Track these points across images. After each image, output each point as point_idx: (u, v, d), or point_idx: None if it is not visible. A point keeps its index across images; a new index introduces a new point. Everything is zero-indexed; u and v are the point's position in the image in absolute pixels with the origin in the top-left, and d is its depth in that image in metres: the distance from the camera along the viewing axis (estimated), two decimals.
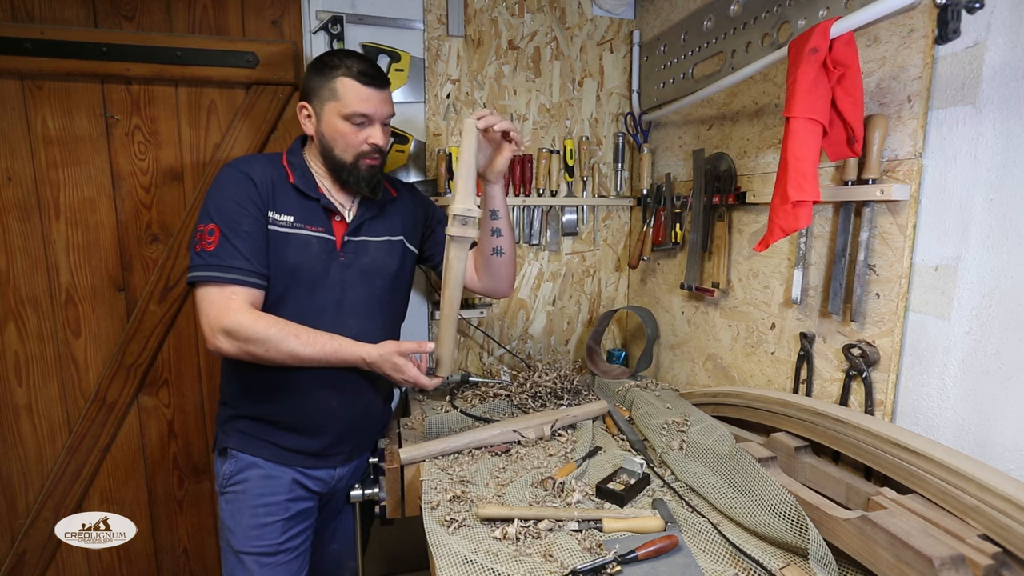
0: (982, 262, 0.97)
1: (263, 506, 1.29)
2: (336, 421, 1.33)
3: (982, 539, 0.81)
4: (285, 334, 1.17)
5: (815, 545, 0.91)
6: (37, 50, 1.56)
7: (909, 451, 0.95)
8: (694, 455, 1.26)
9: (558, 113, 1.95)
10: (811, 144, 1.02)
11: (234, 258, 1.18)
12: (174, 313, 1.79)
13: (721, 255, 1.55)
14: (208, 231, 1.19)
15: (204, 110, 1.75)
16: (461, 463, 1.34)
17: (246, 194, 1.21)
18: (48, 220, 1.67)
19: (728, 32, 1.48)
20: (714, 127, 1.61)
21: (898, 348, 1.10)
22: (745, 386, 1.49)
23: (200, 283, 1.19)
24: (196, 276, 1.18)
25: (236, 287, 1.18)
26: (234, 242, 1.18)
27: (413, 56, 1.78)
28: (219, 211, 1.20)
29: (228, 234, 1.18)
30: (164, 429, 1.86)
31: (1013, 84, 0.91)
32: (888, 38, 1.09)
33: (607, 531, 1.05)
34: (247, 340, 1.16)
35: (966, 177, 0.98)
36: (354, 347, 1.23)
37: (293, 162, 1.31)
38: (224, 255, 1.18)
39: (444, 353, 1.31)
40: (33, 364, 1.72)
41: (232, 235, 1.19)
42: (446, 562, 0.97)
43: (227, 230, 1.19)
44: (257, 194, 1.22)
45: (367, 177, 1.30)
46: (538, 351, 2.05)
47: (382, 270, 1.36)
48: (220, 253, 1.18)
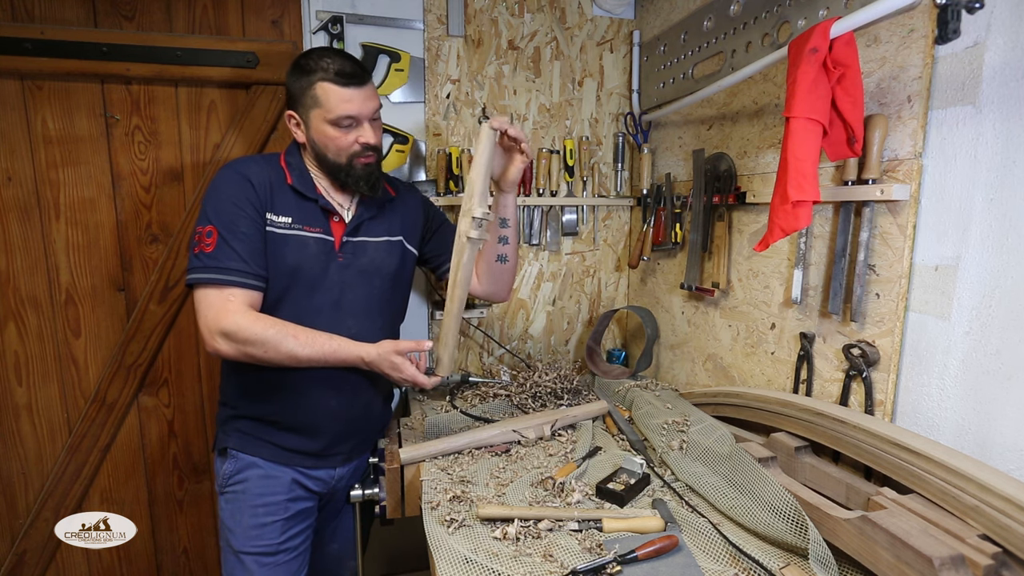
0: (982, 262, 0.97)
1: (263, 506, 1.29)
2: (335, 421, 1.33)
3: (982, 539, 0.81)
4: (283, 335, 1.18)
5: (815, 545, 0.91)
6: (37, 50, 1.56)
7: (909, 451, 0.95)
8: (694, 455, 1.26)
9: (558, 113, 1.95)
10: (811, 144, 1.02)
11: (231, 260, 1.18)
12: (174, 313, 1.79)
13: (721, 255, 1.55)
14: (206, 233, 1.19)
15: (204, 110, 1.75)
16: (461, 463, 1.34)
17: (243, 196, 1.21)
18: (48, 220, 1.67)
19: (728, 32, 1.48)
20: (714, 127, 1.61)
21: (898, 348, 1.10)
22: (745, 386, 1.49)
23: (198, 285, 1.19)
24: (194, 278, 1.19)
25: (234, 289, 1.18)
26: (232, 244, 1.18)
27: (413, 56, 1.78)
28: (217, 213, 1.20)
29: (226, 236, 1.19)
30: (164, 429, 1.86)
31: (1013, 84, 0.91)
32: (888, 38, 1.09)
33: (607, 531, 1.05)
34: (245, 342, 1.16)
35: (966, 177, 0.98)
36: (352, 347, 1.23)
37: (291, 163, 1.31)
38: (221, 257, 1.18)
39: (445, 352, 1.31)
40: (33, 364, 1.71)
41: (230, 237, 1.19)
42: (446, 562, 0.97)
43: (224, 232, 1.19)
44: (255, 196, 1.22)
45: (364, 176, 1.30)
46: (538, 351, 2.05)
47: (381, 270, 1.36)
48: (218, 255, 1.18)
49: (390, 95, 1.79)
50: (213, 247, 1.18)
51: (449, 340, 1.30)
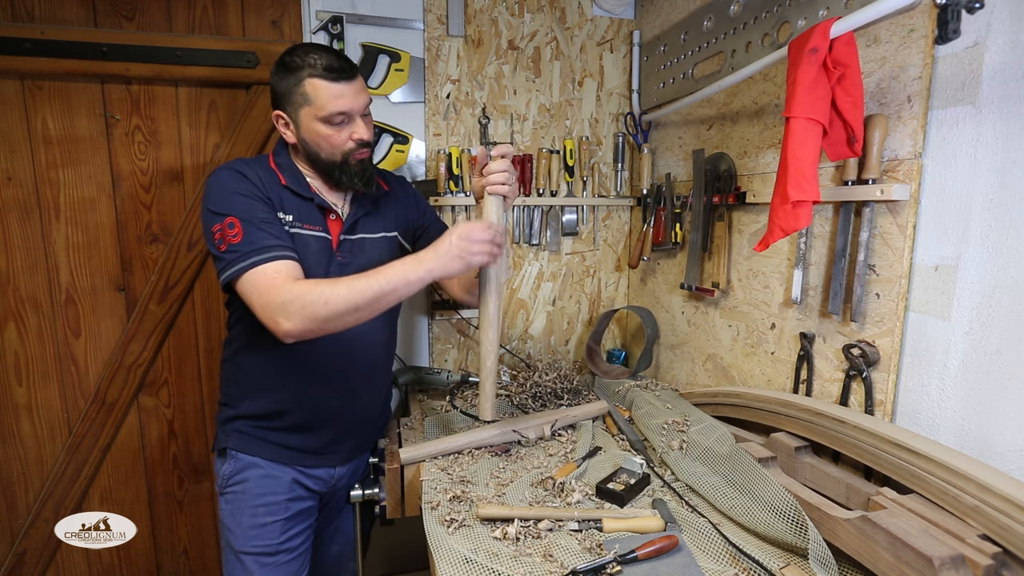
0: (982, 262, 0.97)
1: (263, 506, 1.29)
2: (335, 419, 1.33)
3: (982, 539, 0.81)
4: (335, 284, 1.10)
5: (815, 545, 0.91)
6: (37, 50, 1.56)
7: (909, 451, 0.95)
8: (694, 455, 1.26)
9: (558, 113, 1.95)
10: (811, 144, 1.02)
11: (265, 239, 1.14)
12: (174, 313, 1.79)
13: (721, 255, 1.55)
14: (228, 225, 1.14)
15: (204, 110, 1.75)
16: (461, 463, 1.34)
17: (249, 189, 1.19)
18: (48, 220, 1.67)
19: (728, 32, 1.48)
20: (714, 127, 1.61)
21: (898, 348, 1.10)
22: (745, 386, 1.49)
23: (240, 276, 1.12)
24: (234, 271, 1.12)
25: (276, 264, 1.13)
26: (259, 226, 1.15)
27: (413, 56, 1.78)
28: (231, 206, 1.16)
29: (251, 221, 1.15)
30: (164, 429, 1.86)
31: (1013, 84, 0.91)
32: (888, 38, 1.09)
33: (607, 531, 1.05)
34: (303, 307, 1.07)
35: (966, 177, 0.98)
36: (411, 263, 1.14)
37: (281, 163, 1.28)
38: (255, 239, 1.13)
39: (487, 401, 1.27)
40: (33, 364, 1.71)
41: (255, 221, 1.15)
42: (446, 562, 0.98)
43: (247, 219, 1.15)
44: (259, 190, 1.21)
45: (359, 172, 1.28)
46: (538, 351, 2.05)
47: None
48: (249, 240, 1.13)
49: (390, 95, 1.79)
50: (241, 235, 1.13)
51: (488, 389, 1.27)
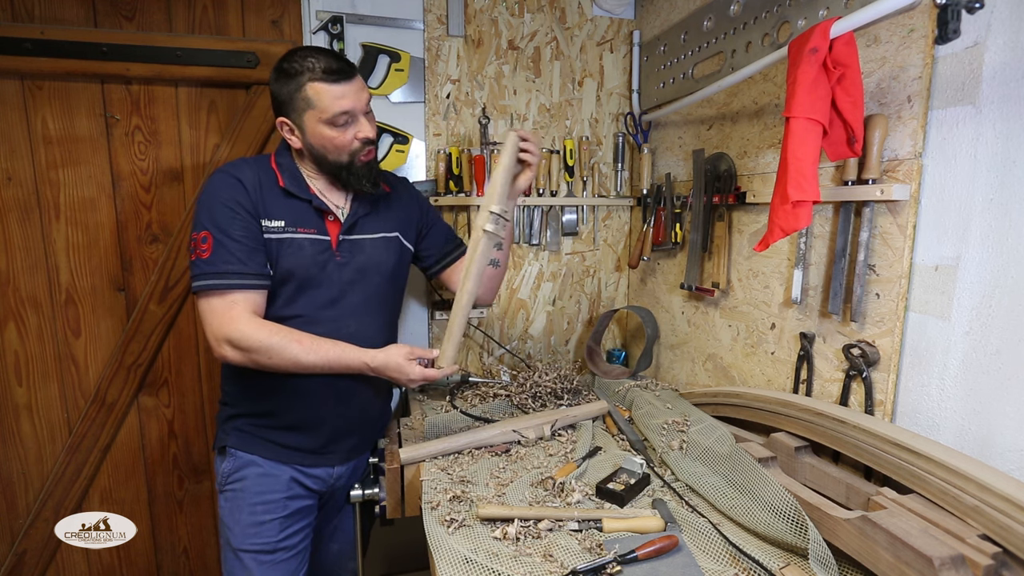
0: (982, 262, 0.97)
1: (261, 504, 1.29)
2: (334, 418, 1.33)
3: (982, 539, 0.81)
4: (288, 341, 1.18)
5: (815, 545, 0.91)
6: (37, 50, 1.56)
7: (909, 451, 0.95)
8: (694, 455, 1.26)
9: (558, 113, 1.95)
10: (811, 144, 1.02)
11: (229, 263, 1.18)
12: (174, 313, 1.79)
13: (721, 255, 1.55)
14: (201, 239, 1.19)
15: (204, 110, 1.75)
16: (461, 463, 1.34)
17: (235, 198, 1.21)
18: (48, 220, 1.67)
19: (728, 32, 1.48)
20: (714, 127, 1.61)
21: (898, 348, 1.10)
22: (745, 386, 1.49)
23: (201, 293, 1.19)
24: (195, 286, 1.19)
25: (235, 294, 1.18)
26: (228, 246, 1.18)
27: (413, 56, 1.78)
28: (210, 217, 1.20)
29: (220, 239, 1.18)
30: (164, 429, 1.86)
31: (1013, 84, 0.91)
32: (888, 38, 1.09)
33: (607, 531, 1.05)
34: (250, 349, 1.17)
35: (966, 177, 0.98)
36: (356, 353, 1.24)
37: (282, 164, 1.30)
38: (219, 261, 1.18)
39: (450, 345, 1.33)
40: (33, 364, 1.71)
41: (225, 239, 1.18)
42: (446, 562, 0.97)
43: (219, 235, 1.18)
44: (247, 198, 1.22)
45: (366, 174, 1.30)
46: (538, 351, 2.05)
47: (379, 267, 1.36)
48: (215, 260, 1.18)
49: (390, 95, 1.79)
50: (209, 252, 1.18)
51: (455, 332, 1.32)
